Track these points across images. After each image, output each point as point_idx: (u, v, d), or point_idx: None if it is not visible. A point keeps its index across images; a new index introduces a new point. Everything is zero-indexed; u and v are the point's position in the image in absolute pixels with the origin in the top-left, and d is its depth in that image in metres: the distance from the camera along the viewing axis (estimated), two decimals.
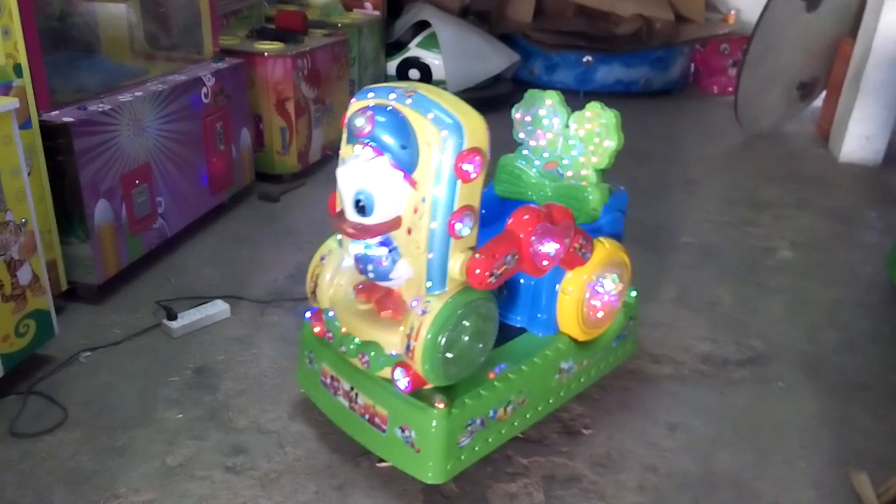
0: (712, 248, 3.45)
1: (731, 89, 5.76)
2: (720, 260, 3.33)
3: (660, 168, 4.56)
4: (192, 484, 1.91)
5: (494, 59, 5.61)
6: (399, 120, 1.67)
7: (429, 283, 1.75)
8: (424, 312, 1.73)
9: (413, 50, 5.57)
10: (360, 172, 1.68)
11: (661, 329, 2.70)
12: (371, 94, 1.77)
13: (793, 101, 5.42)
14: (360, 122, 1.68)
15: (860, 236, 3.69)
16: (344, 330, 1.92)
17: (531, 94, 2.38)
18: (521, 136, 2.42)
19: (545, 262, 1.84)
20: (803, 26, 4.98)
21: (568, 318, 2.09)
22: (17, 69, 2.30)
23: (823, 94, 5.49)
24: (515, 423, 2.03)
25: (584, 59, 6.08)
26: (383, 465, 1.99)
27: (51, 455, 1.98)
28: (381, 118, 1.67)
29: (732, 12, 6.60)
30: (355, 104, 1.78)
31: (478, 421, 1.89)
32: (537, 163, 2.39)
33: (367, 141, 1.69)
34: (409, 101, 1.69)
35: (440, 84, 5.44)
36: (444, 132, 1.65)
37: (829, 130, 5.12)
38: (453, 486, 1.92)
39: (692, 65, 6.78)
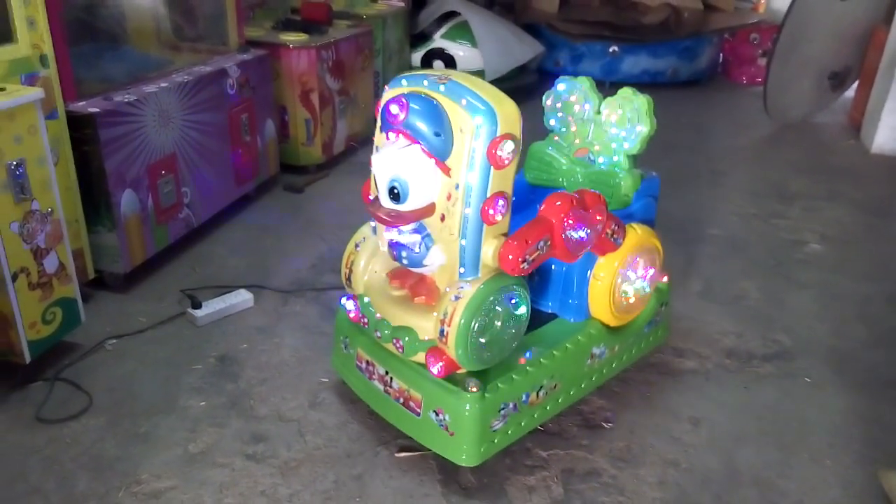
0: (739, 241, 3.39)
1: (760, 79, 5.66)
2: (747, 253, 3.28)
3: (687, 159, 4.49)
4: (212, 471, 1.93)
5: (522, 48, 5.59)
6: (433, 107, 1.68)
7: (462, 270, 1.76)
8: (458, 298, 1.74)
9: (437, 41, 5.55)
10: (394, 160, 1.70)
11: (686, 322, 2.66)
12: (405, 82, 1.77)
13: (824, 92, 5.31)
14: (394, 109, 1.69)
15: (892, 229, 3.61)
16: (378, 315, 1.94)
17: (562, 80, 2.37)
18: (552, 122, 2.40)
19: (578, 248, 1.84)
20: (836, 14, 4.86)
21: (599, 304, 2.10)
22: (44, 60, 2.32)
23: (856, 83, 5.36)
24: (548, 408, 2.04)
25: (611, 50, 6.01)
26: (402, 455, 1.99)
27: (75, 441, 2.02)
28: (414, 105, 1.68)
29: (762, 1, 6.48)
30: (389, 92, 1.79)
31: (510, 405, 1.90)
32: (568, 149, 2.38)
33: (401, 128, 1.70)
34: (442, 87, 1.69)
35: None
36: (478, 118, 1.65)
37: (861, 121, 5.01)
38: (471, 477, 1.92)
39: (721, 55, 6.67)
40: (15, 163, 2.04)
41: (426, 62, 5.54)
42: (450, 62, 5.48)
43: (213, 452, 1.99)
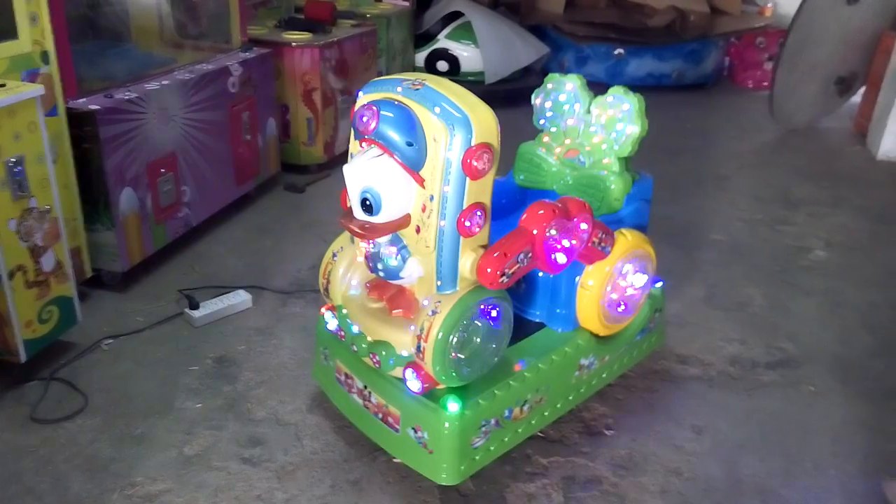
0: (743, 247, 3.36)
1: (766, 84, 5.63)
2: (751, 259, 3.25)
3: (691, 163, 4.46)
4: (208, 474, 1.90)
5: (526, 50, 5.56)
6: (405, 115, 1.61)
7: (439, 283, 1.71)
8: (434, 313, 1.69)
9: (442, 41, 5.53)
10: (365, 170, 1.63)
11: (689, 329, 2.63)
12: (378, 87, 1.71)
13: (830, 97, 5.27)
14: (365, 118, 1.62)
15: None
16: (356, 328, 1.89)
17: (551, 78, 2.31)
18: (542, 122, 2.35)
19: (561, 260, 1.79)
20: (843, 19, 4.83)
21: (588, 313, 2.04)
22: (45, 56, 2.30)
23: (862, 89, 5.33)
24: (533, 422, 2.00)
25: (616, 52, 5.98)
26: (400, 460, 1.96)
27: (70, 441, 2.00)
28: (386, 113, 1.61)
29: (769, 5, 6.45)
30: (363, 98, 1.73)
31: (492, 421, 1.86)
32: (558, 150, 2.32)
33: (372, 137, 1.64)
34: (415, 94, 1.63)
35: (470, 76, 5.41)
36: (452, 127, 1.59)
37: (868, 127, 4.98)
38: (471, 484, 1.89)
39: (727, 58, 6.63)
40: (13, 160, 2.03)
41: (430, 62, 5.53)
42: (454, 63, 5.46)
43: (208, 455, 1.97)
